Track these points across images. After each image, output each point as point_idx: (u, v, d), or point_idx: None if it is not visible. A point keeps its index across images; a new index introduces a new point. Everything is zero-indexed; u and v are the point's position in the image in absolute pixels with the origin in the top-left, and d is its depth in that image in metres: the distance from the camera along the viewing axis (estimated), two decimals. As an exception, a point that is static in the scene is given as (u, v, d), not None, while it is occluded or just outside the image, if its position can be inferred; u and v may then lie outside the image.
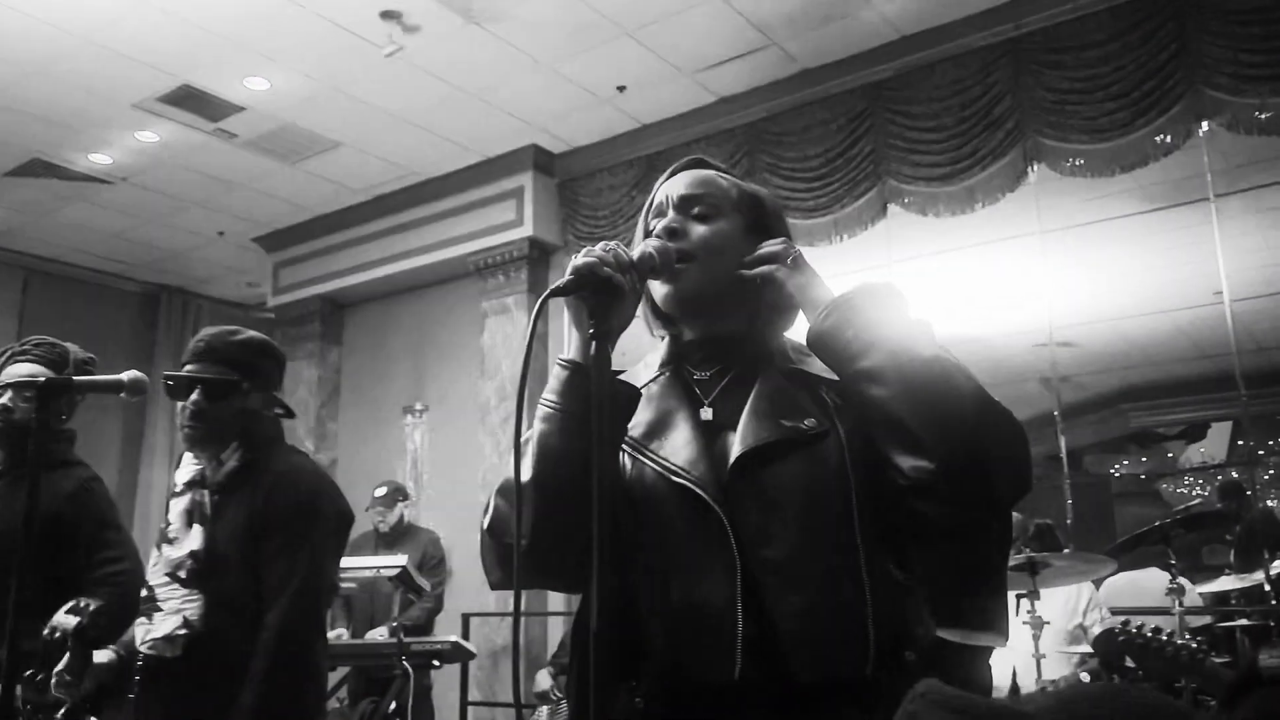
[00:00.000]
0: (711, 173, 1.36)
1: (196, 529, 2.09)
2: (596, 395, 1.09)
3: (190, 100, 5.79)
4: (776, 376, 1.28)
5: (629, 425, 1.25)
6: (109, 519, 2.54)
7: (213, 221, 7.55)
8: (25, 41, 5.14)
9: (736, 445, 1.21)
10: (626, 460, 1.25)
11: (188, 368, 2.20)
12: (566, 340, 1.24)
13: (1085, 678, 3.59)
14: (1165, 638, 1.95)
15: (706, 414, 1.26)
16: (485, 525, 1.23)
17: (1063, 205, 5.41)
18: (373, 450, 6.98)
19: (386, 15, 4.97)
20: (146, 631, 2.07)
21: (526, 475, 1.16)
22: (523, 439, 1.16)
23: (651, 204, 1.35)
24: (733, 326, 1.34)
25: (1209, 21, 4.39)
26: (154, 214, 7.38)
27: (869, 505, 1.18)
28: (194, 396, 2.16)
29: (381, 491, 5.22)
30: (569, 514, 1.10)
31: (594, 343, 1.13)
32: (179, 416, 2.18)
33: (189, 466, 2.21)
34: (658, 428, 1.25)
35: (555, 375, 1.21)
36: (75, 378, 1.81)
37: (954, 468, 1.11)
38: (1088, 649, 3.55)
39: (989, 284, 7.03)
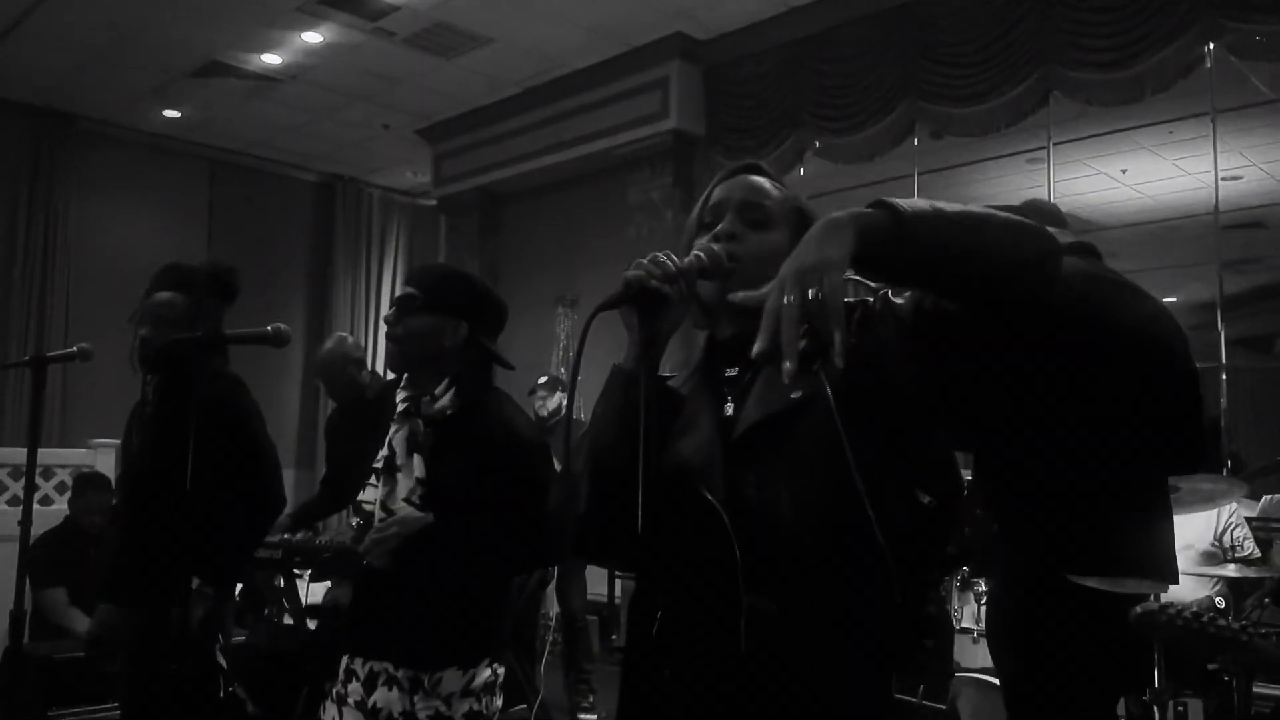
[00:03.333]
0: (768, 183, 1.43)
1: (416, 458, 2.21)
2: (645, 399, 1.20)
3: (348, 0, 6.00)
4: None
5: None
6: (248, 425, 2.72)
7: (379, 115, 7.88)
8: (196, -46, 5.44)
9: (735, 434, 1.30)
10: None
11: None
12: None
13: (1220, 603, 3.44)
14: (1205, 619, 1.92)
15: (729, 409, 1.34)
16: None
17: (1239, 80, 4.98)
18: (527, 338, 7.25)
19: (529, -88, 4.98)
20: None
21: (581, 467, 1.30)
22: (581, 435, 1.29)
23: (708, 200, 1.42)
24: None
25: None
26: (324, 109, 7.76)
27: (867, 451, 1.23)
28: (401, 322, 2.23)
29: (543, 380, 5.77)
30: (618, 504, 1.23)
31: (643, 348, 1.24)
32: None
33: (399, 397, 2.29)
34: (683, 428, 1.35)
35: (609, 380, 1.33)
36: (226, 332, 2.01)
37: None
38: (1226, 571, 3.38)
39: (1158, 166, 6.59)
